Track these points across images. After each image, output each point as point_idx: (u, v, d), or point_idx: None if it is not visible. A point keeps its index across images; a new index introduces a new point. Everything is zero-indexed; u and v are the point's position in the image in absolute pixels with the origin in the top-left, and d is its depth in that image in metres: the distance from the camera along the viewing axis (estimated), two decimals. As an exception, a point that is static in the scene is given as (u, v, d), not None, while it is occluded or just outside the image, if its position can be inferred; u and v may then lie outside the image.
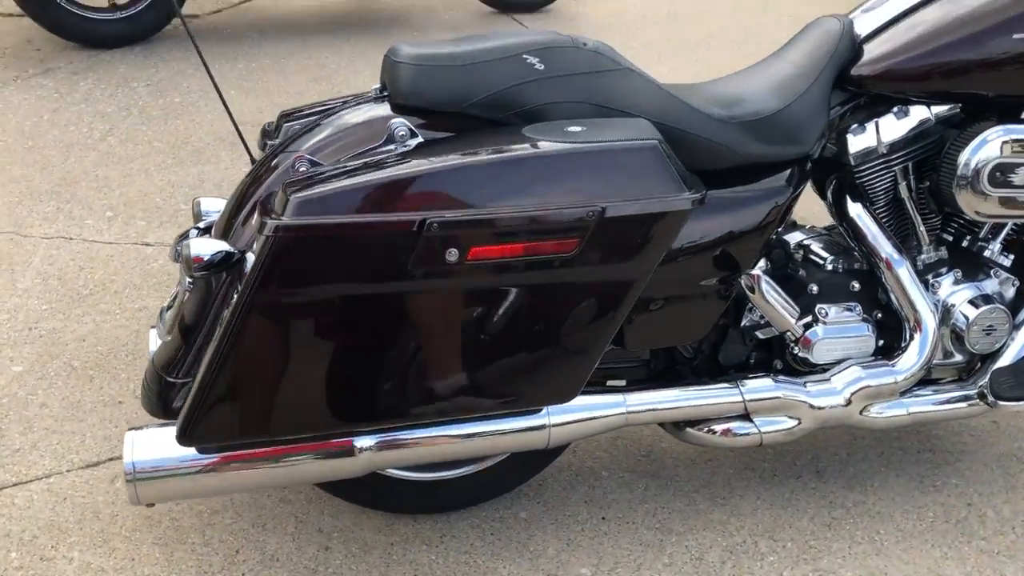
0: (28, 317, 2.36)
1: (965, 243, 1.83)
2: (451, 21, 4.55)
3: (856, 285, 1.78)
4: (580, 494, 1.95)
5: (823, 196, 1.83)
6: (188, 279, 1.48)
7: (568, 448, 2.04)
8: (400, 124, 1.45)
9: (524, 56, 1.52)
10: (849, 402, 1.73)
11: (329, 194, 1.25)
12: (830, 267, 1.78)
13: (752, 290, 1.61)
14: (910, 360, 1.74)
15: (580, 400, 1.60)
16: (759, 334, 1.73)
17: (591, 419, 1.61)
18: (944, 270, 1.80)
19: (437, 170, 1.29)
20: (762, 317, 1.73)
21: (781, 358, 1.78)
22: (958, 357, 1.82)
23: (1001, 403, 1.76)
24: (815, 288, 1.76)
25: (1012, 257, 1.84)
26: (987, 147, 1.64)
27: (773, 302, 1.63)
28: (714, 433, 1.72)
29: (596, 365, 1.48)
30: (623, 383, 1.75)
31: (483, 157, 1.31)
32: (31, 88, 3.55)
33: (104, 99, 3.44)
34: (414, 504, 1.83)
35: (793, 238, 1.83)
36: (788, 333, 1.69)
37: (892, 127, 1.70)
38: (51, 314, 2.38)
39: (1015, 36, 1.61)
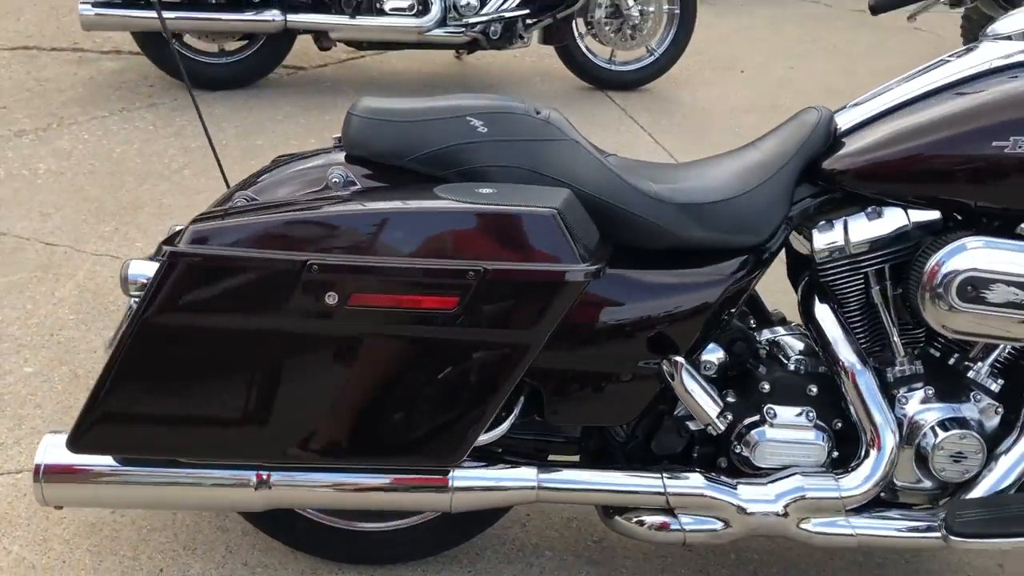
0: (54, 324, 2.52)
1: (950, 361, 1.69)
2: (545, 92, 4.64)
3: (814, 389, 1.67)
4: (515, 569, 1.88)
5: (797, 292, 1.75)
6: (130, 299, 1.56)
7: (519, 520, 2.00)
8: (337, 172, 1.49)
9: (468, 118, 1.54)
10: (785, 512, 1.61)
11: (225, 227, 1.30)
12: (789, 367, 1.69)
13: (671, 377, 1.54)
14: (860, 477, 1.62)
15: (490, 469, 1.57)
16: (691, 425, 1.64)
17: (499, 488, 1.57)
18: (917, 386, 1.66)
19: (327, 216, 1.32)
20: None
21: (727, 456, 1.69)
22: (927, 483, 1.68)
23: (954, 539, 1.60)
24: (767, 386, 1.67)
25: (1001, 383, 1.69)
26: (957, 257, 1.52)
27: (691, 392, 1.54)
28: (640, 524, 1.64)
29: (485, 427, 1.45)
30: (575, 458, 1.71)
31: (375, 207, 1.33)
32: (132, 119, 3.84)
33: (192, 135, 3.68)
34: (338, 552, 1.81)
35: (763, 333, 1.75)
36: (710, 428, 1.59)
37: (862, 227, 1.61)
38: (75, 324, 2.53)
39: (993, 144, 1.51)
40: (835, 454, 1.67)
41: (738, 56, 5.42)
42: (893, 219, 1.60)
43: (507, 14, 4.18)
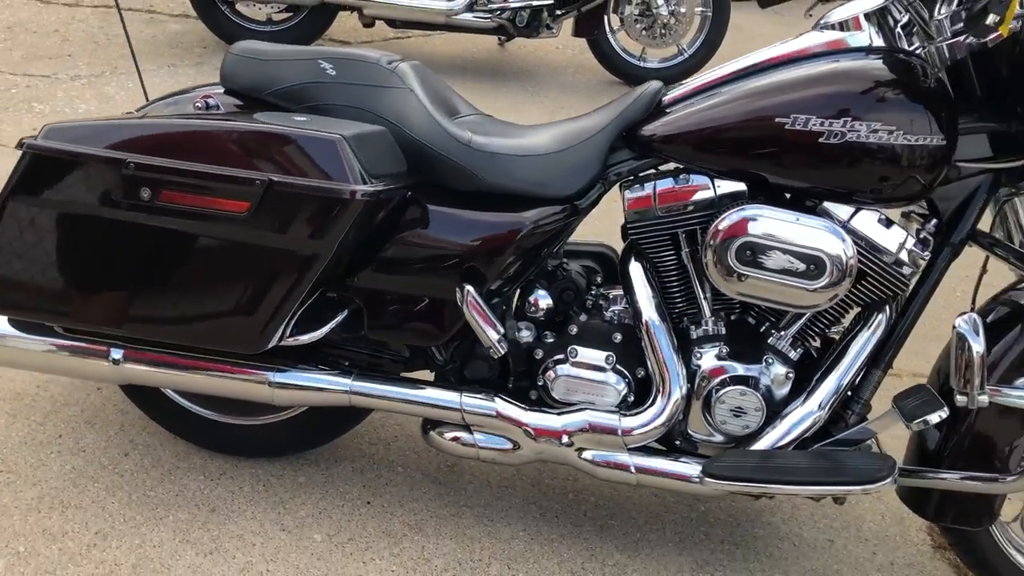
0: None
1: (757, 326, 1.81)
2: (573, 83, 4.81)
3: (618, 337, 1.82)
4: (365, 478, 2.10)
5: None
6: None
7: (384, 439, 2.21)
8: (203, 99, 1.74)
9: (320, 61, 1.77)
10: (570, 442, 1.77)
11: (70, 127, 1.57)
12: (601, 316, 1.84)
13: (461, 302, 1.71)
14: (642, 419, 1.76)
15: (307, 371, 1.80)
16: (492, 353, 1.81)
17: (314, 388, 1.80)
18: (715, 344, 1.78)
19: (149, 124, 1.57)
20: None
21: (536, 389, 1.86)
22: (717, 437, 1.80)
23: (709, 480, 1.72)
24: (575, 329, 1.83)
25: (800, 352, 1.79)
26: (737, 223, 1.65)
27: (475, 317, 1.72)
28: (441, 435, 1.84)
29: (283, 325, 1.67)
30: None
31: (192, 122, 1.58)
32: (176, 74, 4.23)
33: (226, 92, 4.06)
34: (204, 439, 2.07)
35: (599, 288, 1.89)
36: (491, 351, 1.75)
37: (669, 191, 1.74)
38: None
39: (776, 120, 1.63)
40: (631, 398, 1.81)
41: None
42: (698, 185, 1.73)
43: (534, 3, 4.38)
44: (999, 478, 1.67)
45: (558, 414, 1.79)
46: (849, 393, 1.78)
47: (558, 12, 4.46)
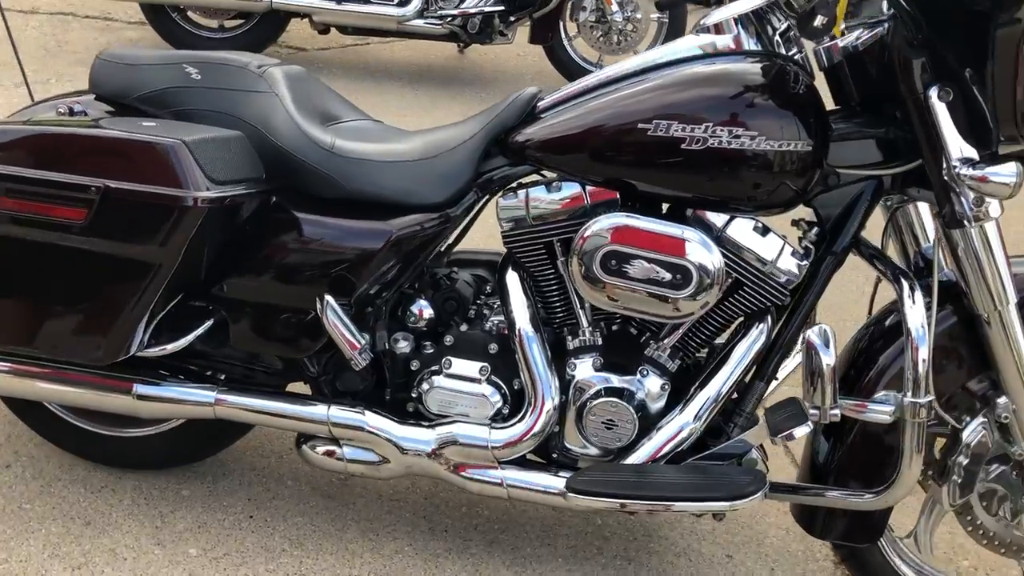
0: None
1: (637, 337, 1.76)
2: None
3: (495, 348, 1.77)
4: (251, 491, 2.05)
5: None
6: None
7: (278, 452, 2.17)
8: (68, 105, 1.71)
9: (185, 66, 1.74)
10: (439, 456, 1.73)
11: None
12: (479, 326, 1.80)
13: (321, 313, 1.67)
14: (510, 433, 1.71)
15: (172, 384, 1.76)
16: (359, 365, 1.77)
17: (179, 401, 1.76)
18: (591, 355, 1.74)
19: (-1, 130, 1.55)
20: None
21: (414, 401, 1.81)
22: (592, 450, 1.75)
23: (571, 495, 1.67)
24: (450, 340, 1.78)
25: (678, 364, 1.75)
26: (602, 231, 1.60)
27: (334, 327, 1.67)
28: (313, 449, 1.79)
29: (136, 335, 1.63)
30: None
31: (33, 128, 1.54)
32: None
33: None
34: (89, 452, 2.03)
35: (485, 297, 1.85)
36: (352, 362, 1.71)
37: (540, 199, 1.69)
38: None
39: (639, 125, 1.58)
40: (506, 411, 1.76)
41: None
42: (570, 194, 1.69)
43: (485, 9, 4.35)
44: (864, 494, 1.62)
45: (428, 427, 1.75)
46: (731, 405, 1.74)
47: (511, 19, 4.43)
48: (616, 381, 1.72)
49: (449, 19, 4.33)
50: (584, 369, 1.73)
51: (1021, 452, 1.68)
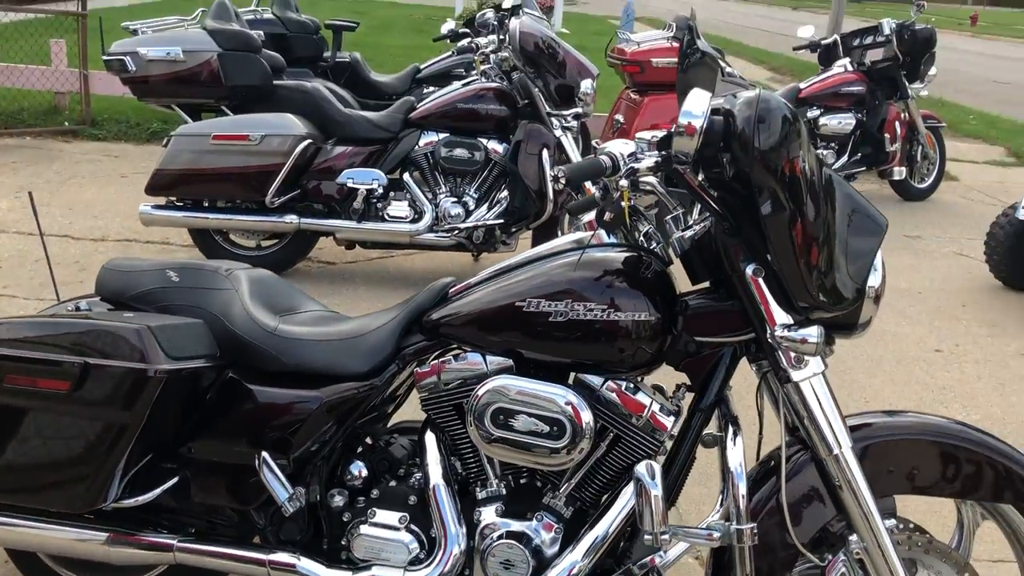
0: None
1: (534, 485, 2.02)
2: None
3: (414, 499, 2.05)
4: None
5: None
6: None
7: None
8: (77, 303, 2.15)
9: (168, 271, 2.18)
10: (358, 596, 1.97)
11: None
12: (402, 481, 2.08)
13: (259, 467, 1.99)
14: (421, 574, 1.95)
15: (138, 532, 2.07)
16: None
17: (143, 546, 2.06)
18: (495, 504, 2.00)
19: (9, 321, 1.97)
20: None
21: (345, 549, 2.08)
22: (500, 593, 1.97)
23: None
24: (376, 493, 2.07)
25: (572, 510, 1.99)
26: (490, 392, 1.92)
27: (268, 481, 1.99)
28: (262, 596, 2.05)
29: (112, 487, 1.96)
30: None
31: (29, 318, 1.98)
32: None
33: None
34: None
35: (400, 450, 2.15)
36: (283, 509, 2.00)
37: (450, 368, 2.03)
38: None
39: (517, 304, 1.93)
40: (423, 556, 2.01)
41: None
42: (472, 362, 2.02)
43: (488, 223, 4.88)
44: None
45: (351, 570, 2.00)
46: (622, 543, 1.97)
47: (512, 230, 4.95)
48: (515, 526, 1.98)
49: (456, 232, 4.86)
50: (488, 515, 2.00)
51: (876, 586, 1.85)
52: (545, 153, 4.78)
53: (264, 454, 2.00)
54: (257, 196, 4.80)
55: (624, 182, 1.75)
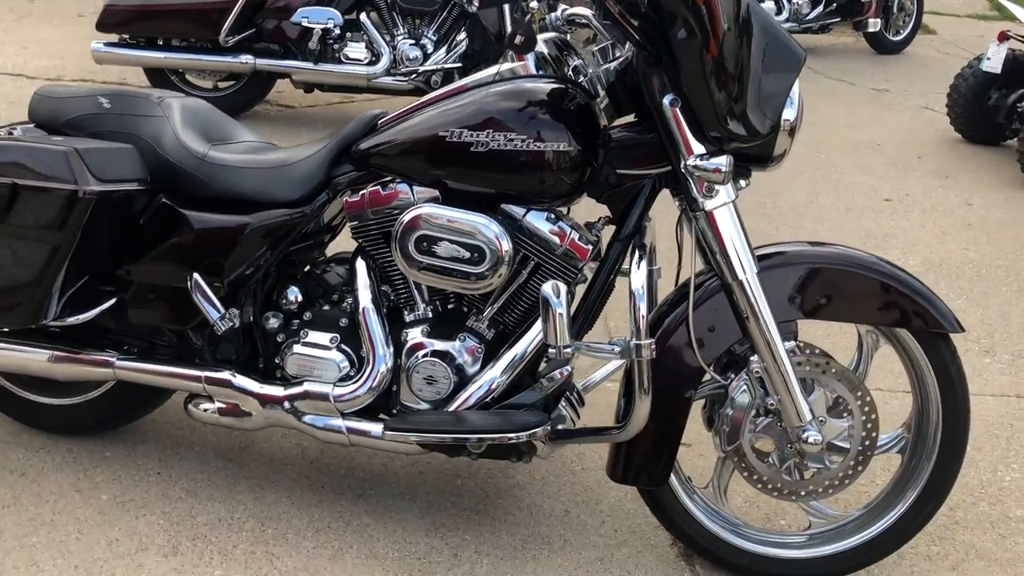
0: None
1: (461, 310, 2.12)
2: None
3: (345, 321, 2.15)
4: (163, 454, 2.43)
5: None
6: None
7: (189, 426, 2.54)
8: (9, 128, 2.16)
9: (99, 97, 2.18)
10: (291, 409, 2.09)
11: None
12: (334, 304, 2.17)
13: (191, 289, 2.08)
14: (350, 388, 2.08)
15: (78, 348, 2.18)
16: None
17: (83, 362, 2.17)
18: (421, 326, 2.10)
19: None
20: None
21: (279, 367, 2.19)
22: (423, 404, 2.10)
23: (389, 433, 2.03)
24: (309, 316, 2.17)
25: (494, 333, 2.10)
26: (413, 219, 1.98)
27: (198, 300, 2.08)
28: (196, 407, 2.18)
29: (50, 306, 2.05)
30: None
31: None
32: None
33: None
34: (31, 419, 2.44)
35: (335, 277, 2.23)
36: (215, 327, 2.11)
37: (378, 197, 2.08)
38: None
39: (440, 133, 1.97)
40: (353, 373, 2.12)
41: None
42: (400, 191, 2.07)
43: (446, 66, 4.82)
44: (612, 431, 1.96)
45: (284, 386, 2.12)
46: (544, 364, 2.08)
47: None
48: (439, 345, 2.08)
49: (413, 76, 4.81)
50: (415, 336, 2.10)
51: (774, 403, 1.99)
52: (505, -7, 4.67)
53: (195, 275, 2.07)
54: (210, 34, 4.70)
55: (535, 3, 1.76)
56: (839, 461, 2.03)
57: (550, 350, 1.87)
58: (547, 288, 1.83)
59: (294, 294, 2.21)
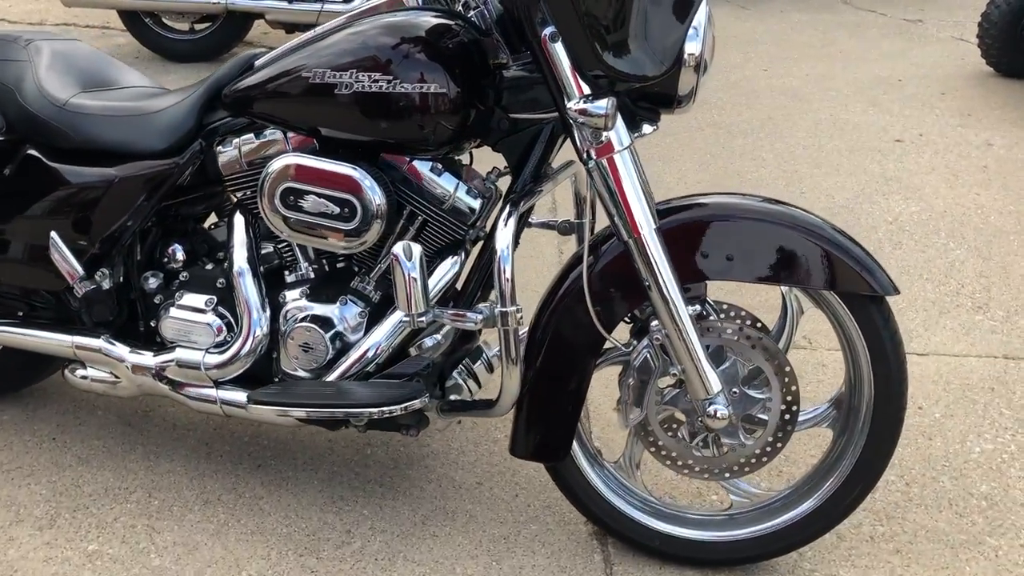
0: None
1: (344, 271, 1.94)
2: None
3: (223, 282, 1.98)
4: (63, 419, 2.34)
5: None
6: None
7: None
8: None
9: (-33, 42, 2.03)
10: (162, 377, 1.95)
11: None
12: (211, 264, 2.01)
13: (51, 248, 1.94)
14: (222, 356, 1.92)
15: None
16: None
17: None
18: (302, 288, 1.93)
19: None
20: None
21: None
22: (303, 373, 1.93)
23: (254, 406, 1.88)
24: (185, 276, 2.01)
25: (380, 294, 1.92)
26: (280, 169, 1.80)
27: (57, 261, 1.94)
28: (72, 373, 2.06)
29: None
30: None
31: None
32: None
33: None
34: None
35: (223, 234, 2.06)
36: (76, 289, 1.97)
37: (251, 145, 1.90)
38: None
39: (304, 74, 1.77)
40: (229, 338, 1.97)
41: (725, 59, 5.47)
42: (272, 138, 1.89)
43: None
44: (490, 406, 1.78)
45: (155, 353, 1.98)
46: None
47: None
48: (318, 309, 1.91)
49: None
50: (292, 299, 1.93)
51: (677, 372, 1.79)
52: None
53: (53, 234, 1.93)
54: (181, -26, 4.53)
55: None
56: (756, 436, 1.83)
57: (403, 317, 1.68)
58: (397, 249, 1.64)
59: (179, 252, 2.05)
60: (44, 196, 1.96)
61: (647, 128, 1.77)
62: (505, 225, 1.68)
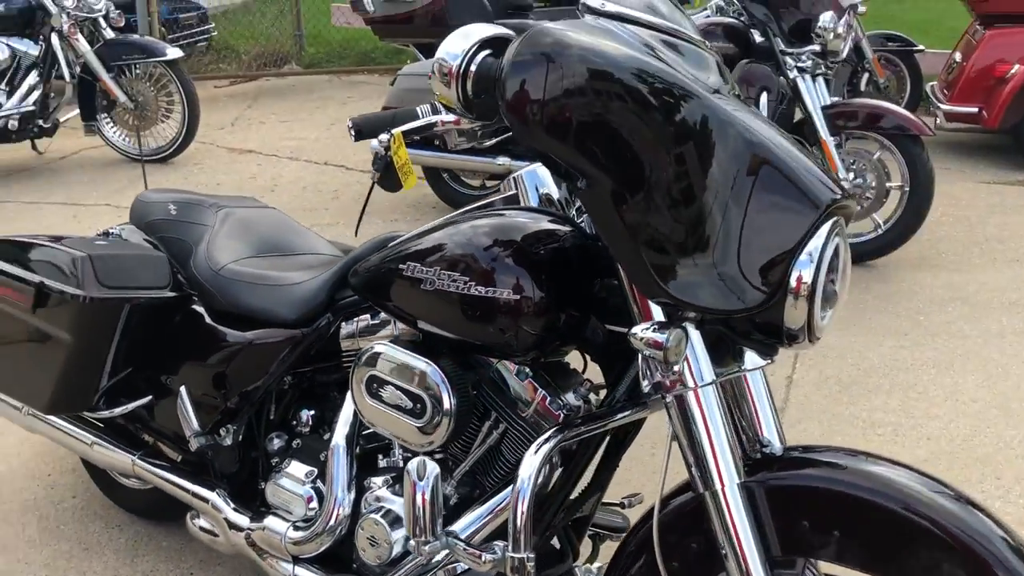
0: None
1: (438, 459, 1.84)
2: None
3: (325, 455, 1.97)
4: (212, 555, 2.43)
5: None
6: None
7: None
8: (108, 229, 2.37)
9: (169, 204, 2.30)
10: (249, 541, 1.96)
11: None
12: (325, 432, 2.01)
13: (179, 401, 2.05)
14: (302, 533, 1.90)
15: (111, 442, 2.28)
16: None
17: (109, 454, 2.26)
18: (389, 476, 1.86)
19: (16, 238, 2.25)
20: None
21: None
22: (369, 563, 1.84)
23: None
24: (297, 443, 2.03)
25: (458, 497, 1.78)
26: (368, 359, 1.75)
27: (181, 414, 2.03)
28: (192, 523, 2.16)
29: (90, 394, 2.17)
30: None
31: (27, 240, 2.19)
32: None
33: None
34: (113, 495, 2.61)
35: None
36: (190, 445, 2.03)
37: (365, 328, 1.90)
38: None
39: (400, 267, 1.71)
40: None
41: None
42: (382, 324, 1.87)
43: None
44: None
45: (251, 516, 2.00)
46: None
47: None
48: (395, 504, 1.82)
49: None
50: (376, 486, 1.86)
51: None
52: (764, 96, 4.23)
53: (181, 389, 2.07)
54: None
55: (384, 136, 1.48)
56: None
57: (410, 543, 1.53)
58: (412, 465, 1.51)
59: (305, 416, 2.09)
60: (196, 350, 2.13)
61: (756, 361, 1.50)
62: (535, 452, 1.48)
